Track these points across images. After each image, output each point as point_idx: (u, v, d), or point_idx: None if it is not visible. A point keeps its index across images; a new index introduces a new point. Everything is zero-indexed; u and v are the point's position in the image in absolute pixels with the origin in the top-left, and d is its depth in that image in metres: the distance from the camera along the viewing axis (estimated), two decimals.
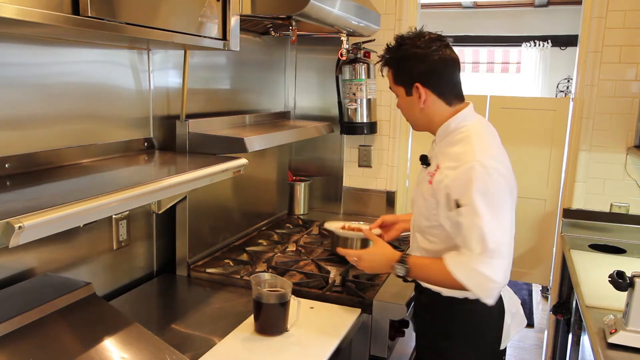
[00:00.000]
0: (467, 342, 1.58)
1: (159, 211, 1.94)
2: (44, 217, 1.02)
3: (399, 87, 1.57)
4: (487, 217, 1.38)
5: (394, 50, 1.56)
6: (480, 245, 1.39)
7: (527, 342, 3.86)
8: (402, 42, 1.54)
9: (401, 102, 1.60)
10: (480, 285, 1.42)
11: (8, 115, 1.35)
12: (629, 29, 2.54)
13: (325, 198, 3.04)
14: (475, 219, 1.39)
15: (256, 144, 1.91)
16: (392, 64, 1.57)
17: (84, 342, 1.28)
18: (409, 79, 1.53)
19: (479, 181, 1.39)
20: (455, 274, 1.43)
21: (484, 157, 1.43)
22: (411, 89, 1.53)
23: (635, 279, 1.58)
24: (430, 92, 1.52)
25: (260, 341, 1.55)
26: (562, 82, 6.56)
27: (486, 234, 1.38)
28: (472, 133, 1.51)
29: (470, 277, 1.42)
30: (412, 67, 1.52)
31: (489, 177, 1.41)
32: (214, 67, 2.26)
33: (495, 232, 1.39)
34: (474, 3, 6.46)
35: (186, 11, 1.43)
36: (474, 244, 1.40)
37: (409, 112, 1.60)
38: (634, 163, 2.63)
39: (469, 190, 1.40)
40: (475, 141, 1.48)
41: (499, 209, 1.42)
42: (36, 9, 0.99)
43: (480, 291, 1.43)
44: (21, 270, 1.45)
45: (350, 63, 2.67)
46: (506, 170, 1.47)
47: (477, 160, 1.42)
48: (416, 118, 1.59)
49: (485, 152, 1.45)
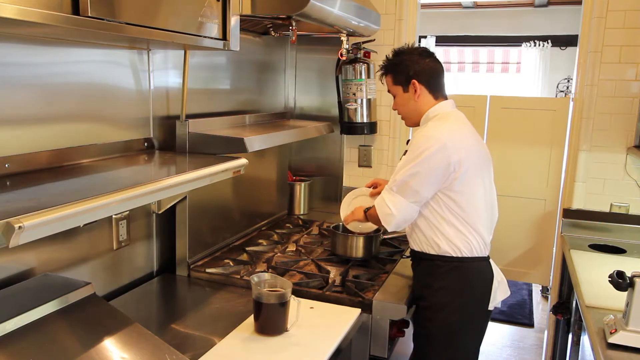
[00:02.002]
0: (461, 295, 1.82)
1: (159, 211, 1.94)
2: (44, 217, 1.02)
3: (397, 87, 1.90)
4: (405, 164, 1.77)
5: (391, 60, 1.92)
6: (391, 182, 1.81)
7: (527, 342, 3.86)
8: (399, 52, 1.92)
9: (399, 100, 1.92)
10: (381, 210, 1.82)
11: (8, 115, 1.35)
12: (629, 29, 2.55)
13: (325, 198, 3.04)
14: (400, 164, 1.80)
15: (256, 144, 1.91)
16: (391, 69, 1.91)
17: (84, 342, 1.28)
18: (405, 78, 1.87)
19: (418, 145, 1.76)
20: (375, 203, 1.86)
21: (433, 131, 1.78)
22: (407, 86, 1.87)
23: (635, 279, 1.58)
24: (422, 87, 1.86)
25: (260, 341, 1.55)
26: (562, 82, 6.56)
27: (398, 174, 1.78)
28: (442, 117, 1.85)
29: (378, 204, 1.84)
30: (408, 68, 1.87)
31: (427, 145, 1.74)
32: (214, 67, 2.26)
33: (404, 175, 1.76)
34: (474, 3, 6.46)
35: (186, 11, 1.43)
36: (390, 182, 1.82)
37: (405, 107, 1.91)
38: (634, 163, 2.63)
39: (411, 147, 1.79)
40: (442, 119, 1.84)
41: (420, 163, 1.74)
42: (36, 9, 0.99)
43: (381, 215, 1.82)
44: (21, 270, 1.45)
45: (350, 63, 2.67)
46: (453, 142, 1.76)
47: (435, 129, 1.79)
48: (410, 111, 1.91)
49: (446, 127, 1.80)
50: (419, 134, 1.81)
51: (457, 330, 1.83)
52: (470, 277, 1.83)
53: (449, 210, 1.79)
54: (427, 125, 1.83)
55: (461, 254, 1.80)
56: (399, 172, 1.78)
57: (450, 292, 1.82)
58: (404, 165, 1.77)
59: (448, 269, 1.81)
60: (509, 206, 2.99)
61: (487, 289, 1.85)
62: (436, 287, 1.83)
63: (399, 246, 2.39)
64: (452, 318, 1.82)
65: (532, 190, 3.03)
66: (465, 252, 1.80)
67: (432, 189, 1.77)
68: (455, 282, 1.82)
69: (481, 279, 1.84)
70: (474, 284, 1.84)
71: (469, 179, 1.77)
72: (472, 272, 1.83)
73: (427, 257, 1.85)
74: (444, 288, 1.82)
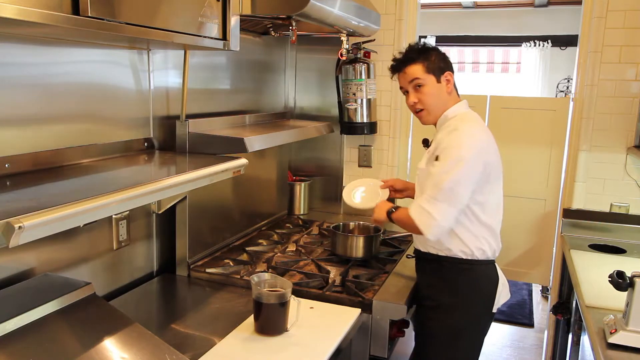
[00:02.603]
0: (467, 297, 1.82)
1: (159, 211, 1.94)
2: (44, 217, 1.02)
3: (430, 76, 1.81)
4: (447, 170, 1.69)
5: (418, 50, 1.84)
6: (433, 189, 1.71)
7: (527, 342, 3.86)
8: (423, 46, 1.87)
9: (429, 89, 1.82)
10: (423, 219, 1.72)
11: (8, 115, 1.35)
12: (629, 29, 2.55)
13: (325, 198, 3.04)
14: (439, 171, 1.71)
15: (256, 144, 1.91)
16: (424, 57, 1.82)
17: (84, 342, 1.28)
18: (440, 68, 1.82)
19: (457, 147, 1.70)
20: (410, 212, 1.76)
21: (475, 134, 1.75)
22: (440, 77, 1.82)
23: (635, 279, 1.58)
24: (452, 82, 1.85)
25: (260, 341, 1.55)
26: (562, 82, 6.56)
27: (441, 181, 1.69)
28: (466, 117, 1.82)
29: (417, 212, 1.74)
30: (440, 60, 1.83)
31: (467, 147, 1.71)
32: (214, 67, 2.26)
33: (449, 182, 1.68)
34: (474, 3, 6.46)
35: (186, 11, 1.43)
36: (429, 188, 1.72)
37: (436, 98, 1.83)
38: (634, 163, 2.63)
39: (446, 152, 1.72)
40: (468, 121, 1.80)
41: (463, 169, 1.69)
42: (36, 9, 0.99)
43: (423, 226, 1.72)
44: (21, 270, 1.45)
45: (350, 63, 2.67)
46: (487, 145, 1.76)
47: (468, 134, 1.74)
48: (440, 103, 1.84)
49: (476, 129, 1.77)
50: (452, 137, 1.73)
51: (461, 331, 1.84)
52: (478, 279, 1.83)
53: (471, 214, 1.76)
54: (456, 128, 1.75)
55: (472, 257, 1.80)
56: (440, 179, 1.70)
57: (457, 293, 1.82)
58: (446, 171, 1.69)
59: (456, 271, 1.82)
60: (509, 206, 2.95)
61: (492, 292, 1.84)
62: (443, 288, 1.84)
63: (399, 246, 2.39)
64: (457, 319, 1.83)
65: (532, 190, 3.03)
66: (477, 256, 1.80)
67: (471, 193, 1.73)
68: (462, 284, 1.82)
69: (488, 281, 1.84)
70: (481, 286, 1.84)
71: (494, 181, 1.78)
72: (480, 274, 1.83)
73: (435, 259, 1.85)
74: (451, 289, 1.83)
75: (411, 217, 1.75)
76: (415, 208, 1.76)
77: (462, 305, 1.82)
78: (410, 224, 1.77)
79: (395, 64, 1.87)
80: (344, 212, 2.98)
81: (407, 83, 1.84)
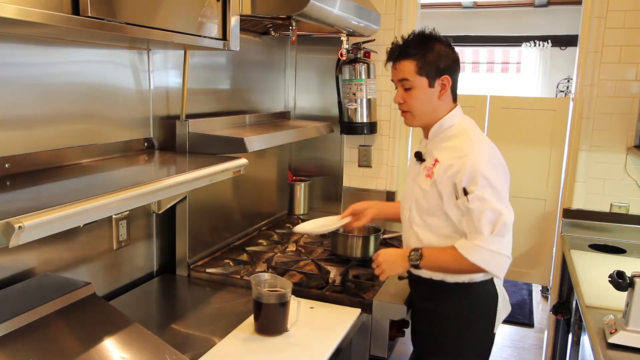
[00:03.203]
0: (468, 323, 1.69)
1: (159, 211, 1.94)
2: (44, 217, 1.02)
3: (422, 78, 1.61)
4: (493, 201, 1.53)
5: (418, 42, 1.61)
6: (490, 227, 1.54)
7: (527, 342, 3.86)
8: (428, 37, 1.62)
9: (418, 94, 1.62)
10: (495, 263, 1.55)
11: (8, 115, 1.35)
12: (629, 29, 2.54)
13: (325, 198, 3.04)
14: (484, 205, 1.53)
15: (256, 144, 1.91)
16: (419, 55, 1.60)
17: (84, 342, 1.28)
18: (437, 70, 1.60)
19: (484, 171, 1.54)
20: (471, 259, 1.55)
21: (485, 148, 1.60)
22: (434, 81, 1.61)
23: (635, 279, 1.58)
24: (449, 87, 1.64)
25: (260, 341, 1.55)
26: (562, 82, 6.56)
27: (495, 216, 1.53)
28: (466, 128, 1.65)
29: (486, 259, 1.55)
30: (440, 60, 1.60)
31: (491, 167, 1.56)
32: (214, 67, 2.25)
33: (501, 213, 1.53)
34: (474, 3, 6.46)
35: (186, 11, 1.43)
36: (484, 227, 1.54)
37: (426, 106, 1.64)
38: (634, 163, 2.63)
39: (475, 179, 1.53)
40: (471, 135, 1.63)
41: (502, 195, 1.56)
42: (36, 9, 0.99)
43: (495, 269, 1.57)
44: (21, 270, 1.45)
45: (350, 63, 2.67)
46: (501, 158, 1.63)
47: (480, 151, 1.57)
48: (429, 111, 1.65)
49: (483, 142, 1.62)
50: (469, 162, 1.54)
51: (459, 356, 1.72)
52: (476, 302, 1.69)
53: None
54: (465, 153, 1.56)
55: (471, 280, 1.66)
56: (492, 216, 1.52)
57: (454, 319, 1.69)
58: (491, 204, 1.52)
59: (452, 294, 1.68)
60: None
61: (493, 312, 1.71)
62: (437, 313, 1.71)
63: (399, 246, 2.39)
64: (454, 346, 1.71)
65: (532, 190, 3.03)
66: (476, 279, 1.66)
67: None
68: (460, 309, 1.69)
69: (487, 302, 1.70)
70: (479, 309, 1.70)
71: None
72: (479, 295, 1.69)
73: (429, 283, 1.71)
74: (448, 317, 1.70)
75: (476, 263, 1.55)
76: (479, 252, 1.54)
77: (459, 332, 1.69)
78: (466, 267, 1.58)
79: (391, 53, 1.66)
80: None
81: (396, 79, 1.66)
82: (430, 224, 1.68)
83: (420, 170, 1.71)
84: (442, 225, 1.66)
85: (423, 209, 1.68)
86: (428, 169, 1.66)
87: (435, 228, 1.67)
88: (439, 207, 1.64)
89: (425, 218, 1.69)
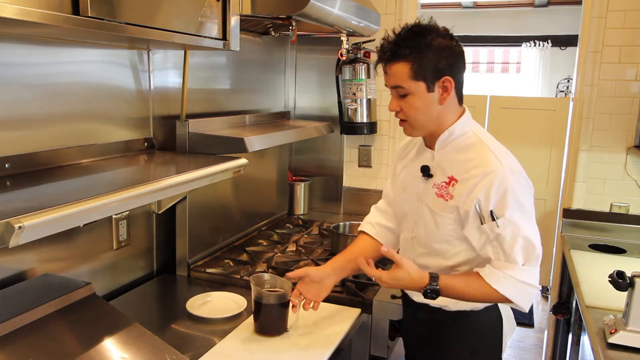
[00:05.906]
0: (474, 355, 1.52)
1: (159, 211, 1.94)
2: (44, 217, 1.02)
3: (418, 83, 1.33)
4: (526, 227, 1.34)
5: (412, 39, 1.32)
6: (524, 256, 1.35)
7: (527, 342, 3.86)
8: (421, 30, 1.33)
9: (416, 100, 1.35)
10: (523, 295, 1.37)
11: (8, 115, 1.35)
12: (629, 29, 2.55)
13: (325, 198, 3.04)
14: (516, 231, 1.33)
15: (256, 144, 1.91)
16: (413, 56, 1.31)
17: (84, 342, 1.28)
18: (437, 71, 1.33)
19: (514, 190, 1.33)
20: (501, 291, 1.35)
21: (510, 162, 1.37)
22: (434, 85, 1.34)
23: (635, 279, 1.58)
24: (453, 88, 1.36)
25: (260, 341, 1.55)
26: (562, 82, 6.57)
27: (529, 245, 1.35)
28: (481, 137, 1.42)
29: (517, 290, 1.35)
30: (438, 59, 1.32)
31: (519, 185, 1.35)
32: (214, 67, 2.26)
33: (535, 240, 1.36)
34: (474, 3, 6.46)
35: (186, 11, 1.43)
36: (517, 256, 1.35)
37: (423, 112, 1.37)
38: (634, 163, 2.63)
39: (505, 201, 1.32)
40: (491, 145, 1.40)
41: (531, 215, 1.38)
42: (36, 9, 0.99)
43: (521, 301, 1.37)
44: (21, 270, 1.45)
45: (350, 63, 2.67)
46: (522, 169, 1.41)
47: (505, 167, 1.34)
48: (429, 118, 1.39)
49: (505, 155, 1.38)
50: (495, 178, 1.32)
51: None
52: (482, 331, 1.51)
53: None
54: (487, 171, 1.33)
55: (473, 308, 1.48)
56: (526, 243, 1.34)
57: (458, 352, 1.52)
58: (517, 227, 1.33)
59: (454, 323, 1.50)
60: None
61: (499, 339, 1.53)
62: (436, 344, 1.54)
63: None
64: None
65: None
66: (479, 306, 1.48)
67: None
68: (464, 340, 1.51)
69: (492, 330, 1.52)
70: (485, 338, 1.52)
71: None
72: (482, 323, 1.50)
73: (426, 308, 1.52)
74: (451, 348, 1.52)
75: (505, 295, 1.35)
76: (510, 284, 1.35)
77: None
78: (492, 298, 1.39)
79: (381, 52, 1.38)
80: (343, 212, 2.98)
81: (389, 85, 1.40)
82: (438, 249, 1.46)
83: (427, 187, 1.45)
84: (456, 252, 1.45)
85: (433, 235, 1.45)
86: (440, 187, 1.41)
87: (446, 255, 1.46)
88: (455, 233, 1.41)
89: (435, 245, 1.46)
